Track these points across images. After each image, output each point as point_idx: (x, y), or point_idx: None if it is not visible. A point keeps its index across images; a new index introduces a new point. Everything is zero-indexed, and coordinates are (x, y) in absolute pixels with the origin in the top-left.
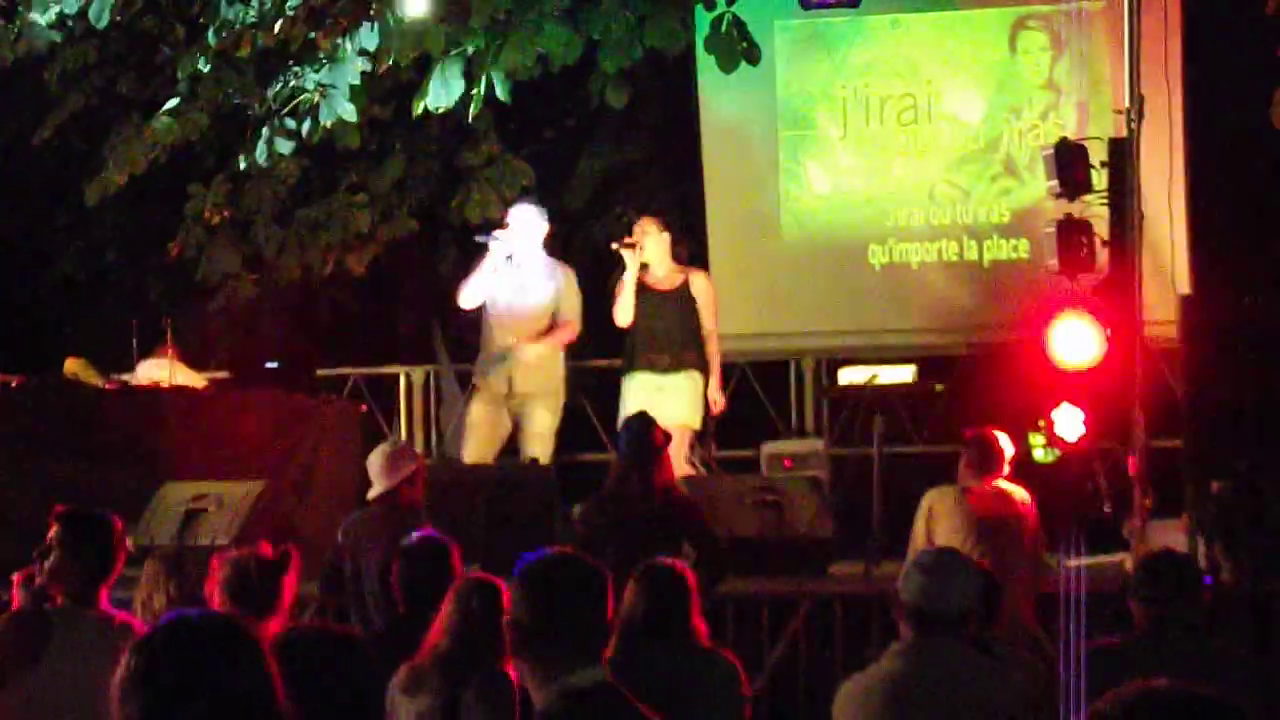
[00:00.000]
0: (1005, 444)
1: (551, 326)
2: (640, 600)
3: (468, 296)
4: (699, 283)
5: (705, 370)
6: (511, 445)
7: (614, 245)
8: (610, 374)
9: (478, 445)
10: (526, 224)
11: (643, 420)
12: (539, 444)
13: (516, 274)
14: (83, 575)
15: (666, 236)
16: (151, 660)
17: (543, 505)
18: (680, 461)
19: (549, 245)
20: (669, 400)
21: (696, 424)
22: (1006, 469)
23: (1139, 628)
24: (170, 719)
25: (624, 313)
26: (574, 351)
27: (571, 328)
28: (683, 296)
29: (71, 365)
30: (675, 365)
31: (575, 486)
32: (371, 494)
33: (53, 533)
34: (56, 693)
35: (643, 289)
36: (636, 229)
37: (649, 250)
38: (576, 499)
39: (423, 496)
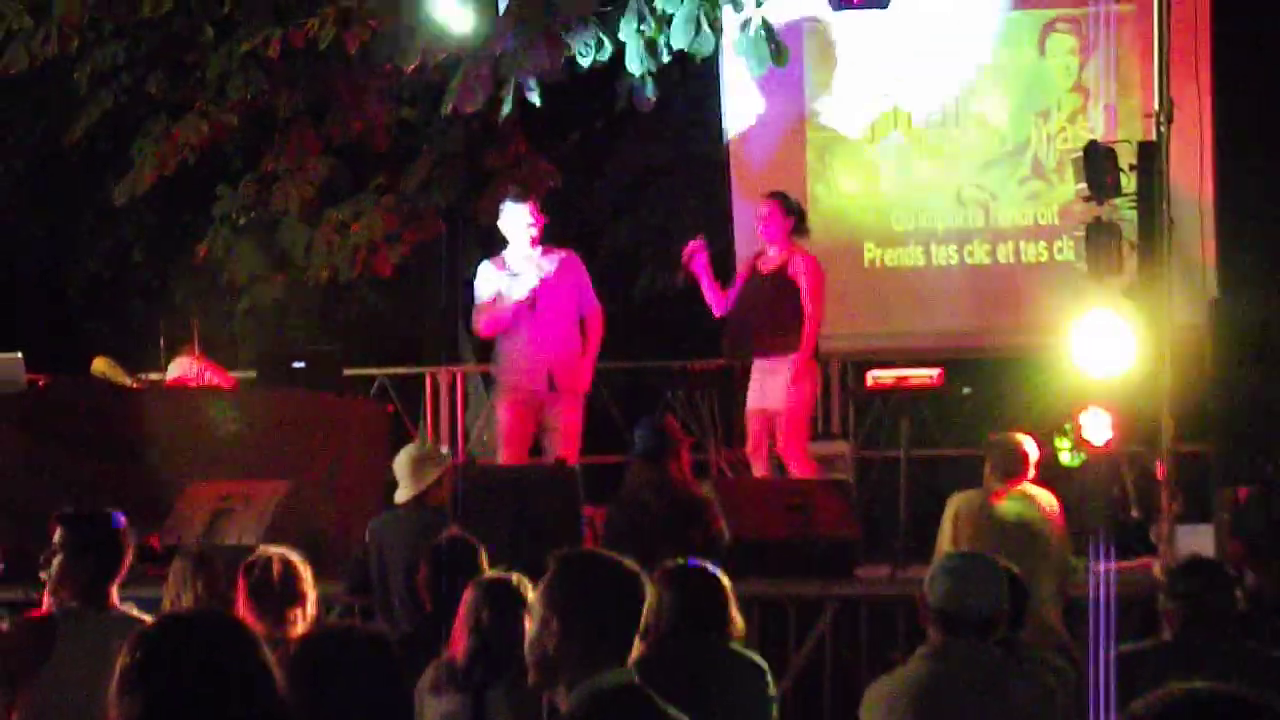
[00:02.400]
0: (1030, 447)
1: (576, 319)
2: (673, 602)
3: (487, 325)
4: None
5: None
6: (537, 444)
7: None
8: (636, 374)
9: (512, 447)
10: (521, 221)
11: (657, 419)
12: (567, 444)
13: (531, 272)
14: (89, 576)
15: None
16: (145, 656)
17: (569, 506)
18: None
19: (568, 241)
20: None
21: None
22: (1032, 472)
23: (1170, 631)
24: (166, 714)
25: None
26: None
27: (599, 317)
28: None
29: (99, 364)
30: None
31: (596, 488)
32: (399, 497)
33: (56, 535)
34: (67, 695)
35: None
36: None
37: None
38: (599, 501)
39: (449, 498)
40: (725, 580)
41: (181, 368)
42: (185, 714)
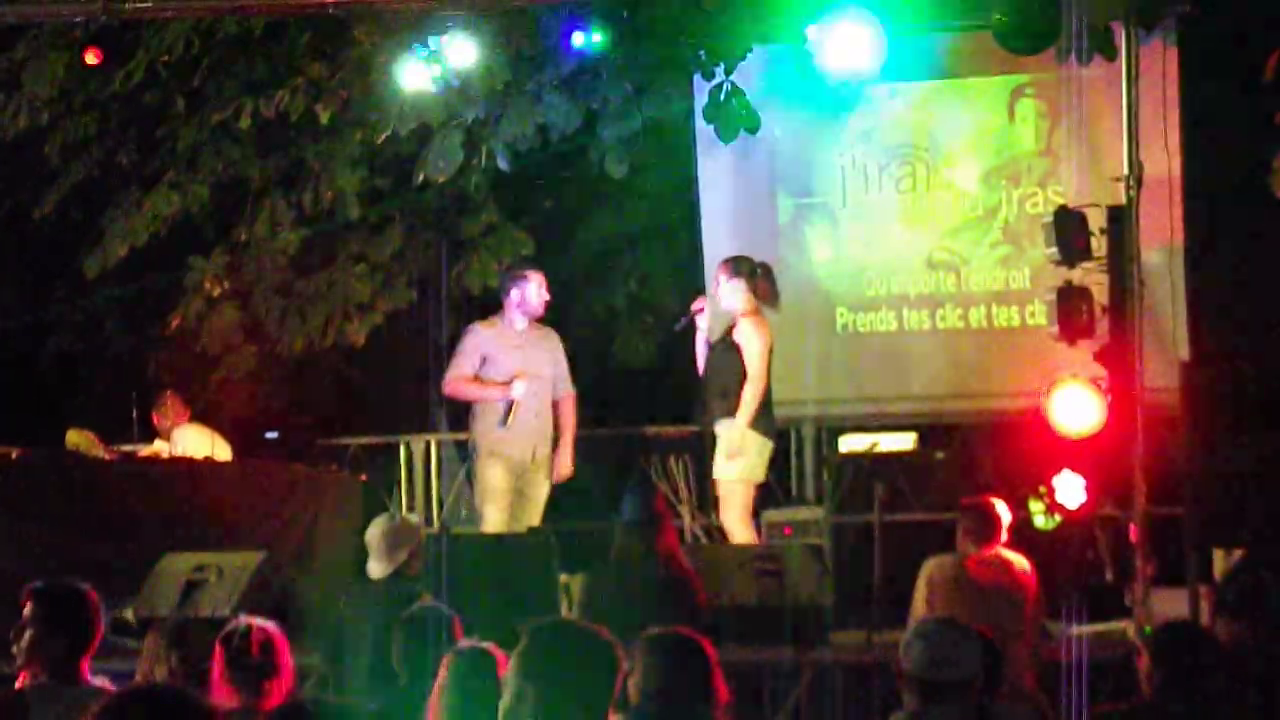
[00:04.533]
0: (1003, 512)
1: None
2: (656, 669)
3: (455, 396)
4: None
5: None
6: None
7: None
8: (610, 441)
9: (500, 513)
10: (541, 291)
11: (645, 486)
12: (539, 511)
13: (521, 341)
14: (61, 650)
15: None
16: None
17: (546, 573)
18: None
19: (547, 312)
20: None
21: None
22: (1005, 536)
23: (1148, 692)
24: None
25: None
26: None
27: (572, 401)
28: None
29: (73, 437)
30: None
31: (569, 554)
32: (372, 572)
33: (27, 609)
34: None
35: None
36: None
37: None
38: (572, 567)
39: (420, 568)
40: (710, 649)
41: (193, 435)
42: None
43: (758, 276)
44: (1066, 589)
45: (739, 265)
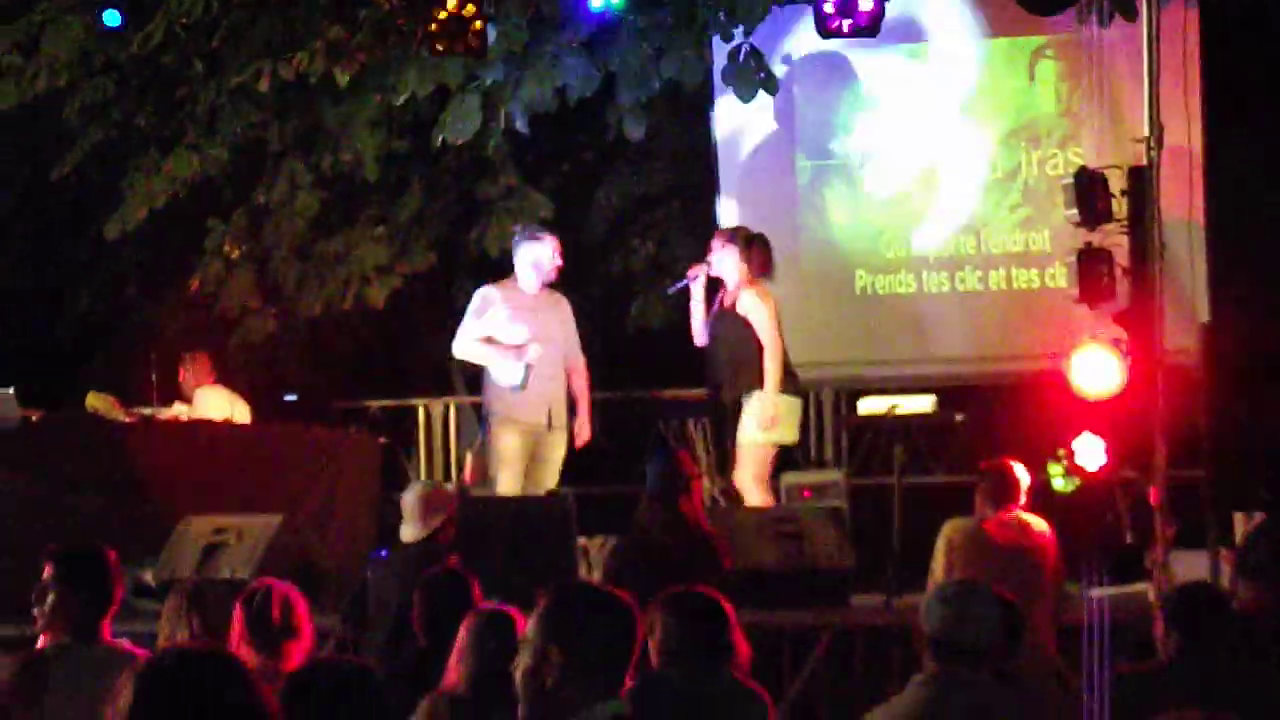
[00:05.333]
0: (1022, 474)
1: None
2: (675, 628)
3: (466, 359)
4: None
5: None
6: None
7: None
8: (628, 404)
9: (514, 478)
10: (554, 255)
11: (670, 453)
12: (556, 474)
13: (532, 305)
14: (81, 611)
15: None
16: (142, 694)
17: (563, 537)
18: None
19: (563, 275)
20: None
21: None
22: (1024, 499)
23: (1166, 655)
24: None
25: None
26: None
27: (582, 369)
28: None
29: (93, 400)
30: None
31: (588, 519)
32: (405, 536)
33: (47, 572)
34: None
35: None
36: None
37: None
38: (591, 531)
39: (453, 534)
40: (729, 607)
41: (213, 396)
42: None
43: (752, 245)
44: (1086, 552)
45: (733, 234)
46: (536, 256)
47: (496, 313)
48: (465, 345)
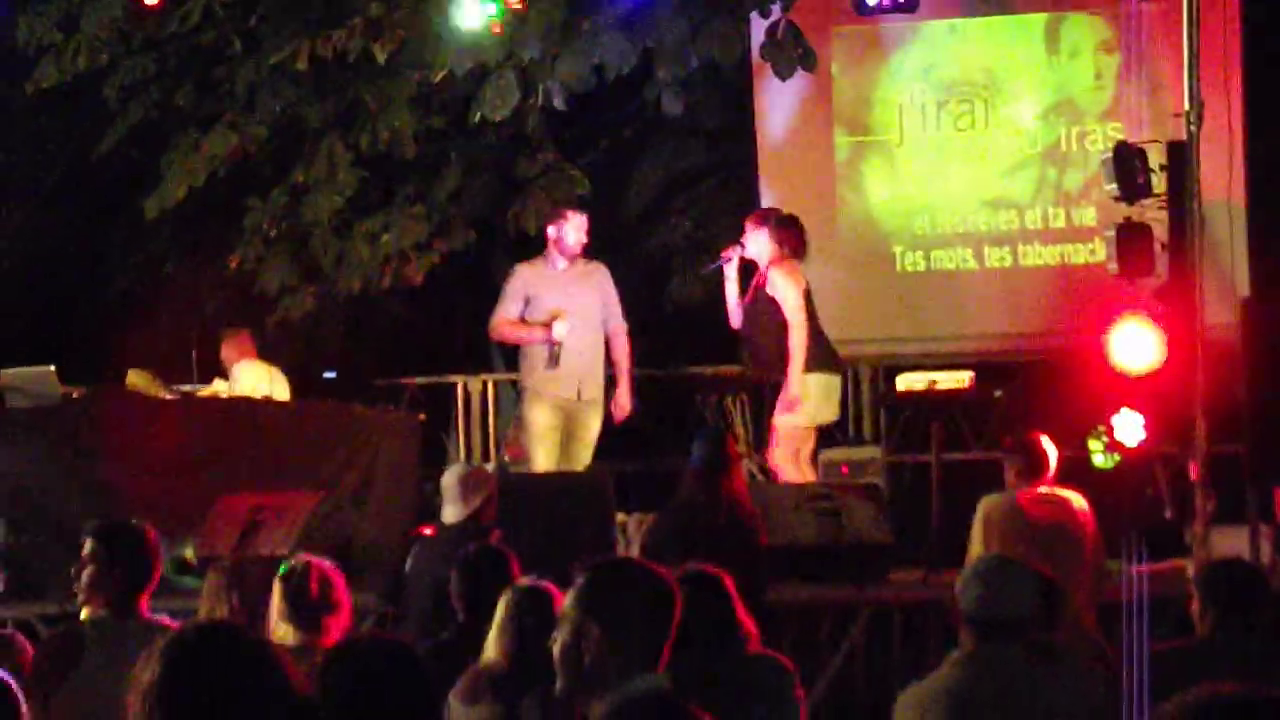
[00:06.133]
0: (1050, 448)
1: (603, 332)
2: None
3: (500, 339)
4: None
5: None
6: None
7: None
8: (667, 381)
9: (548, 454)
10: (578, 233)
11: (716, 432)
12: (589, 452)
13: (564, 280)
14: (119, 587)
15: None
16: (164, 670)
17: (601, 514)
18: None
19: (598, 248)
20: None
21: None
22: (1052, 472)
23: (1204, 632)
24: None
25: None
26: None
27: (624, 333)
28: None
29: (134, 377)
30: None
31: (625, 495)
32: (447, 517)
33: (86, 547)
34: (96, 702)
35: None
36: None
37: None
38: (628, 508)
39: (494, 514)
40: (728, 583)
41: (252, 371)
42: None
43: (784, 226)
44: (1125, 528)
45: (765, 216)
46: (560, 233)
47: (528, 291)
48: (497, 327)
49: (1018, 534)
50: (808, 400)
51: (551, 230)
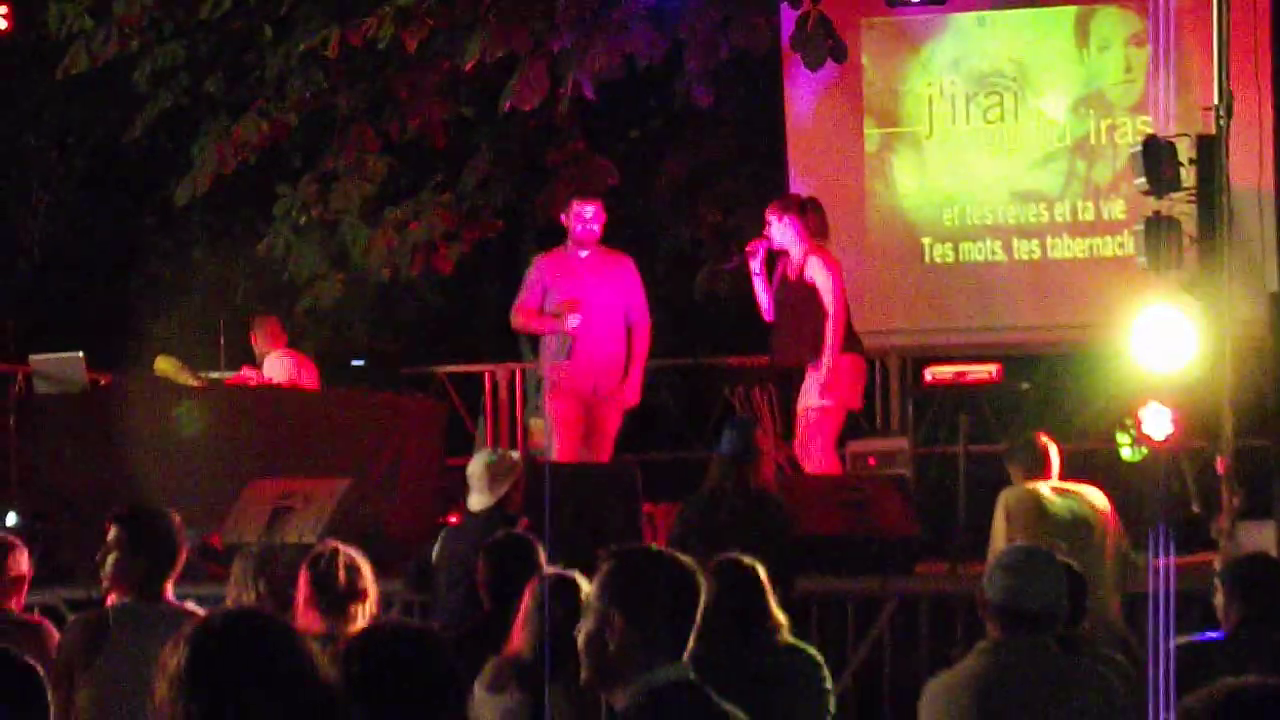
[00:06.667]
0: (1051, 446)
1: (624, 325)
2: (713, 596)
3: (520, 328)
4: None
5: None
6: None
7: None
8: (695, 371)
9: (570, 442)
10: (586, 221)
11: (745, 422)
12: (609, 444)
13: (584, 271)
14: (143, 572)
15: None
16: (189, 658)
17: (629, 504)
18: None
19: (626, 238)
20: None
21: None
22: (1055, 470)
23: (1229, 626)
24: (215, 714)
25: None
26: (654, 350)
27: (646, 327)
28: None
29: (162, 364)
30: None
31: (654, 485)
32: (473, 505)
33: (111, 533)
34: (120, 688)
35: None
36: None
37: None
38: (656, 498)
39: (521, 502)
40: (762, 574)
41: (281, 363)
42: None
43: (808, 211)
44: (1152, 521)
45: (786, 204)
46: (570, 220)
47: (545, 282)
48: (517, 316)
49: (1040, 526)
50: (839, 385)
51: (563, 218)
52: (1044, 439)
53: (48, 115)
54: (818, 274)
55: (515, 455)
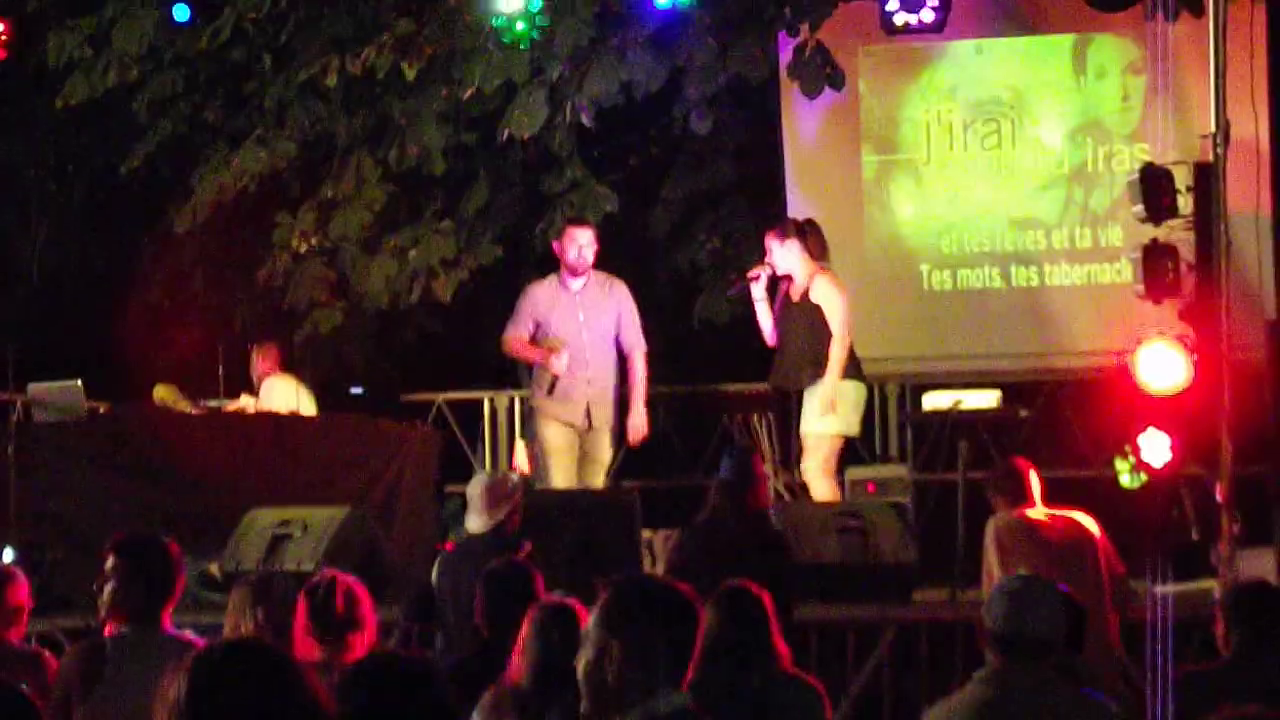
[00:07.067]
0: (1032, 474)
1: (616, 351)
2: (718, 624)
3: (511, 355)
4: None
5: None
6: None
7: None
8: (693, 398)
9: (563, 472)
10: (579, 250)
11: (743, 450)
12: (602, 474)
13: (577, 300)
14: (141, 601)
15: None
16: (190, 687)
17: (628, 531)
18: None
19: (625, 265)
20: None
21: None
22: (1038, 499)
23: (1229, 654)
24: None
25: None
26: (653, 376)
27: (641, 353)
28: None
29: (160, 391)
30: None
31: (654, 512)
32: (472, 526)
33: (109, 561)
34: (120, 717)
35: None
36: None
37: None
38: (656, 524)
39: (520, 524)
40: (769, 603)
41: (279, 390)
42: None
43: (807, 234)
44: (1151, 548)
45: (785, 228)
46: (563, 248)
47: (537, 314)
48: (508, 344)
49: (1033, 552)
50: (841, 407)
51: (556, 245)
52: (1024, 465)
53: (47, 144)
54: (826, 293)
55: (515, 477)
